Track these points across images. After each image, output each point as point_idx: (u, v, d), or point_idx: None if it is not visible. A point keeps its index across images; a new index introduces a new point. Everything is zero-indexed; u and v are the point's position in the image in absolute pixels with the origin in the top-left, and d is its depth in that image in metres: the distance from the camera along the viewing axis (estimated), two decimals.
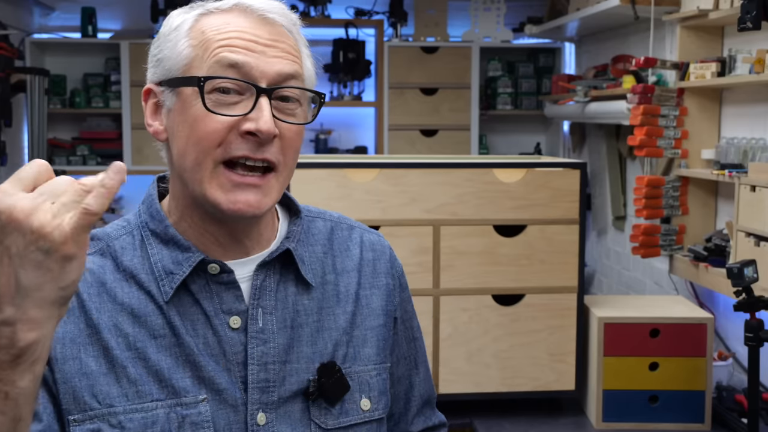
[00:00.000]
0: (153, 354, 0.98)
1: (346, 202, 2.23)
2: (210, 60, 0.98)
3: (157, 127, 1.04)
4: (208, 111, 0.96)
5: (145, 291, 1.00)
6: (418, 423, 1.24)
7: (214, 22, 1.00)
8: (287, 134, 1.00)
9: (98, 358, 0.97)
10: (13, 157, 4.17)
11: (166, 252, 1.02)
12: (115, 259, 1.02)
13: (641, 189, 2.84)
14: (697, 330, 2.22)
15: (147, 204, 1.07)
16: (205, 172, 0.97)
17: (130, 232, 1.05)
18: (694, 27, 2.79)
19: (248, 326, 1.02)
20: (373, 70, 4.67)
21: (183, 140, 0.99)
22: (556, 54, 4.83)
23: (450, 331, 2.28)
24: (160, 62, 1.03)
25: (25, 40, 4.30)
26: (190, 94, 0.98)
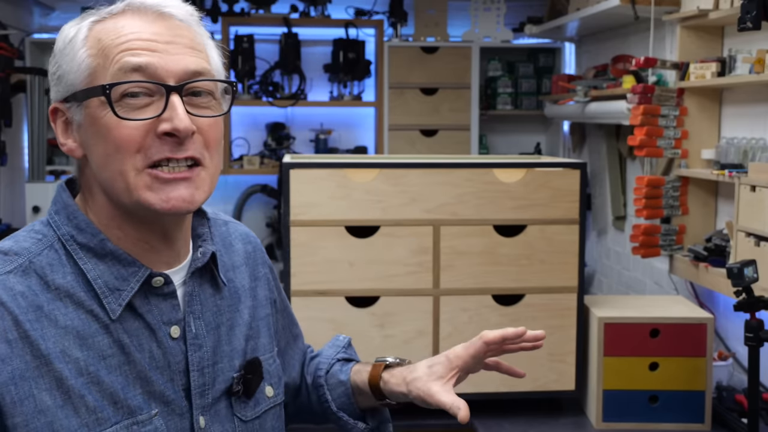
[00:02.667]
0: (105, 376, 0.95)
1: (346, 202, 2.23)
2: (112, 67, 0.94)
3: (71, 144, 0.99)
4: (119, 118, 0.93)
5: (86, 310, 0.96)
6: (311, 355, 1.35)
7: (110, 27, 0.96)
8: (205, 128, 0.98)
9: (52, 391, 0.91)
10: (13, 157, 4.17)
11: (104, 267, 0.97)
12: (43, 278, 0.95)
13: (641, 189, 2.84)
14: (697, 330, 2.22)
15: (66, 215, 0.99)
16: (130, 179, 0.95)
17: (50, 245, 0.98)
18: (694, 27, 2.79)
19: (186, 334, 1.02)
20: (373, 70, 4.67)
21: (100, 153, 0.95)
22: (556, 54, 4.83)
23: (450, 331, 2.28)
24: (60, 79, 0.97)
25: (25, 40, 4.30)
26: (97, 105, 0.95)
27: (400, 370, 1.25)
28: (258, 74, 4.57)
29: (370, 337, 2.27)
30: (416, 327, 2.27)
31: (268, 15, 4.53)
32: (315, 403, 1.30)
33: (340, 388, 1.26)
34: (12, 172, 4.21)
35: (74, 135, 0.99)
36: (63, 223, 0.99)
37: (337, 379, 1.27)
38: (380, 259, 2.25)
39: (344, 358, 1.31)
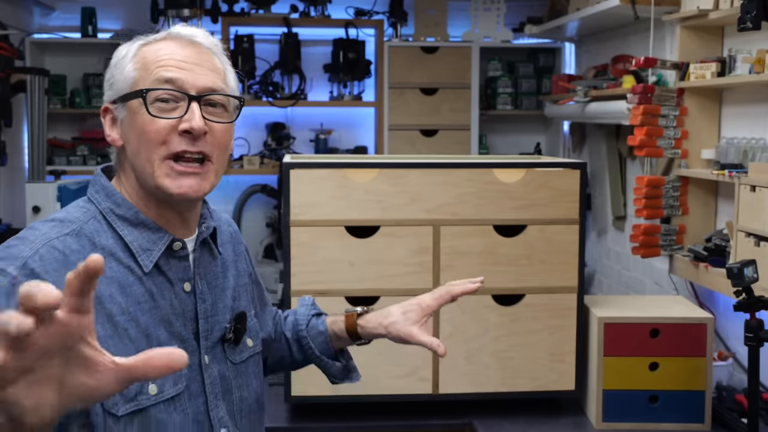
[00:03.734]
0: (140, 316, 1.21)
1: (346, 202, 2.23)
2: (150, 78, 1.22)
3: (114, 136, 1.27)
4: (152, 116, 1.21)
5: (125, 266, 1.22)
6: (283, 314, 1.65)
7: (152, 49, 1.25)
8: (216, 131, 1.25)
9: (104, 324, 1.16)
10: (13, 157, 4.17)
11: (137, 233, 1.24)
12: (91, 240, 1.21)
13: (641, 189, 2.84)
14: (697, 330, 2.22)
15: (105, 194, 1.26)
16: (154, 165, 1.22)
17: (93, 217, 1.24)
18: (694, 27, 2.79)
19: (195, 290, 1.30)
20: (373, 70, 4.67)
21: (135, 142, 1.23)
22: (556, 54, 4.83)
23: (450, 331, 2.28)
24: (112, 86, 1.26)
25: (25, 40, 4.30)
26: (136, 105, 1.22)
27: (374, 316, 1.58)
28: (258, 74, 4.58)
29: None
30: None
31: (268, 15, 4.53)
32: (297, 352, 1.59)
33: (321, 338, 1.56)
34: (12, 172, 4.21)
35: (117, 129, 1.26)
36: (103, 200, 1.26)
37: (317, 330, 1.57)
38: (380, 259, 2.25)
39: (316, 314, 1.60)
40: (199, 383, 1.28)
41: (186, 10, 4.40)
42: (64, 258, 1.15)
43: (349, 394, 2.28)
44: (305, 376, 2.18)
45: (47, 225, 1.21)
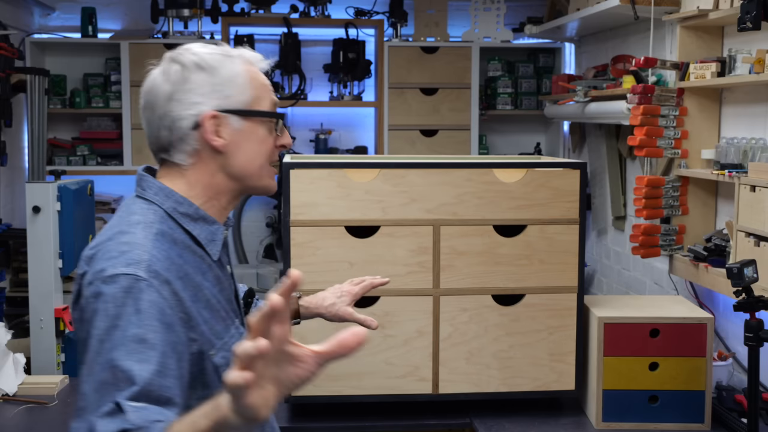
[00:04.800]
0: (220, 297, 1.40)
1: (346, 202, 2.23)
2: (268, 101, 1.45)
3: (218, 141, 1.39)
4: (275, 135, 1.47)
5: (198, 255, 1.38)
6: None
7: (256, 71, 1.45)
8: None
9: (206, 308, 1.35)
10: (13, 157, 4.17)
11: (199, 227, 1.40)
12: (170, 237, 1.34)
13: (641, 189, 2.84)
14: (697, 330, 2.22)
15: (164, 195, 1.39)
16: (263, 171, 1.46)
17: (164, 217, 1.37)
18: (694, 27, 2.79)
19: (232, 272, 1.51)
20: (373, 70, 4.67)
21: (251, 152, 1.43)
22: (556, 54, 4.83)
23: (450, 331, 2.28)
24: (228, 97, 1.39)
25: (25, 40, 4.30)
26: (258, 122, 1.43)
27: (313, 300, 1.89)
28: None
29: (370, 337, 2.26)
30: (416, 327, 2.27)
31: (268, 15, 4.53)
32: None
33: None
34: (12, 172, 4.21)
35: (224, 135, 1.40)
36: (164, 200, 1.38)
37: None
38: (380, 259, 2.25)
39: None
40: None
41: (186, 10, 4.40)
42: (168, 257, 1.30)
43: (349, 394, 2.28)
44: None
45: (138, 228, 1.32)
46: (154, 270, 1.25)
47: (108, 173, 4.46)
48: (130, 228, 1.31)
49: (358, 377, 2.27)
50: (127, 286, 1.22)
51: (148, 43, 4.40)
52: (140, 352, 1.17)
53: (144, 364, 1.16)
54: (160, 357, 1.19)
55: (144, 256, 1.26)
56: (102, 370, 1.16)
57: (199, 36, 4.48)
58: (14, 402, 2.39)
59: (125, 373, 1.15)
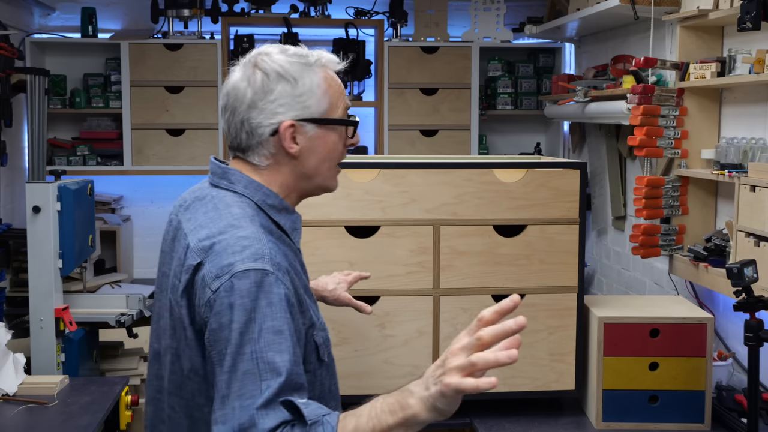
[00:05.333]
0: (307, 282, 1.52)
1: (346, 202, 2.23)
2: (341, 107, 1.50)
3: (294, 147, 1.47)
4: (344, 138, 1.52)
5: (286, 243, 1.47)
6: None
7: (332, 77, 1.50)
8: None
9: (307, 293, 1.46)
10: (13, 157, 4.17)
11: (283, 217, 1.49)
12: (266, 229, 1.43)
13: (641, 189, 2.84)
14: (697, 330, 2.22)
15: (253, 188, 1.47)
16: (333, 172, 1.53)
17: (256, 210, 1.46)
18: (694, 27, 2.79)
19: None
20: (373, 70, 4.67)
21: (322, 155, 1.49)
22: (556, 54, 4.83)
23: (450, 331, 2.28)
24: (304, 106, 1.46)
25: (25, 40, 4.30)
26: (331, 129, 1.49)
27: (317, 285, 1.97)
28: None
29: (370, 337, 2.27)
30: (416, 327, 2.27)
31: (268, 15, 4.52)
32: None
33: None
34: (12, 172, 4.21)
35: (299, 141, 1.47)
36: (254, 193, 1.47)
37: None
38: (380, 259, 2.25)
39: None
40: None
41: (186, 10, 4.40)
42: (277, 247, 1.40)
43: (349, 394, 2.28)
44: None
45: (245, 222, 1.40)
46: (277, 262, 1.35)
47: (108, 173, 4.46)
48: (238, 221, 1.40)
49: (358, 377, 2.27)
50: (258, 281, 1.31)
51: (148, 43, 4.40)
52: (278, 344, 1.27)
53: (284, 355, 1.27)
54: (293, 347, 1.29)
55: (265, 250, 1.35)
56: (244, 361, 1.25)
57: (199, 36, 4.48)
58: (14, 402, 2.39)
59: (270, 365, 1.25)
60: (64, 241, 2.68)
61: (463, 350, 1.17)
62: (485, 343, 1.15)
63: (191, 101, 4.41)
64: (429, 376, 1.21)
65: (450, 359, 1.17)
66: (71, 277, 3.52)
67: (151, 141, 4.43)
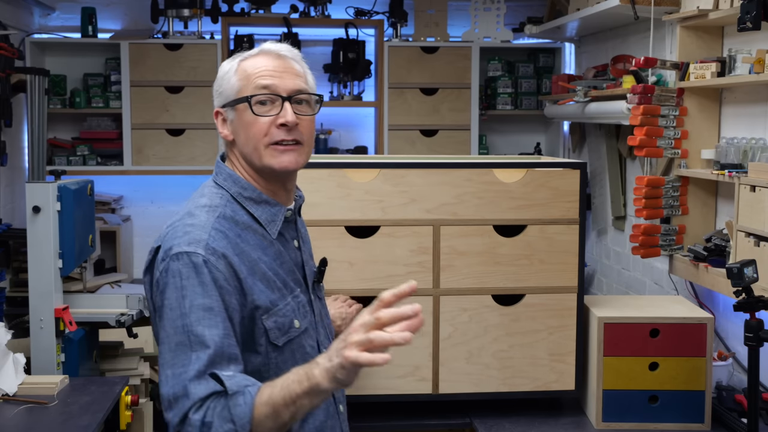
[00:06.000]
0: (278, 270, 1.57)
1: (346, 202, 2.23)
2: (251, 86, 1.57)
3: (226, 132, 1.62)
4: (255, 115, 1.56)
5: (260, 234, 1.57)
6: None
7: (250, 63, 1.60)
8: (304, 122, 1.60)
9: (261, 280, 1.53)
10: (13, 157, 4.17)
11: (262, 209, 1.59)
12: (233, 219, 1.55)
13: (641, 189, 2.84)
14: (697, 330, 2.22)
15: (232, 180, 1.60)
16: (260, 151, 1.57)
17: (229, 200, 1.58)
18: (694, 27, 2.79)
19: (300, 245, 1.67)
20: (373, 70, 4.67)
21: (244, 136, 1.58)
22: (556, 54, 4.83)
23: (450, 331, 2.28)
24: (221, 94, 1.61)
25: (25, 40, 4.30)
26: (243, 108, 1.57)
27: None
28: None
29: None
30: None
31: (268, 15, 4.52)
32: None
33: None
34: (12, 172, 4.21)
35: (228, 127, 1.61)
36: (231, 186, 1.59)
37: None
38: (380, 259, 2.25)
39: None
40: (311, 316, 1.64)
41: (186, 10, 4.40)
42: (226, 236, 1.50)
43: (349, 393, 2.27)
44: None
45: (203, 211, 1.54)
46: (212, 248, 1.47)
47: (108, 173, 4.46)
48: (197, 210, 1.55)
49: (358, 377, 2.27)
50: (190, 263, 1.46)
51: (148, 43, 4.40)
52: (208, 319, 1.42)
53: (212, 329, 1.42)
54: (224, 322, 1.44)
55: (203, 236, 1.48)
56: (176, 334, 1.42)
57: (199, 36, 4.48)
58: (14, 402, 2.39)
59: (198, 338, 1.41)
60: (64, 241, 2.68)
61: (363, 327, 1.29)
62: (383, 322, 1.28)
63: (191, 101, 4.41)
64: (333, 349, 1.33)
65: (351, 335, 1.30)
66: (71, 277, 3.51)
67: (151, 141, 4.43)
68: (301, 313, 1.60)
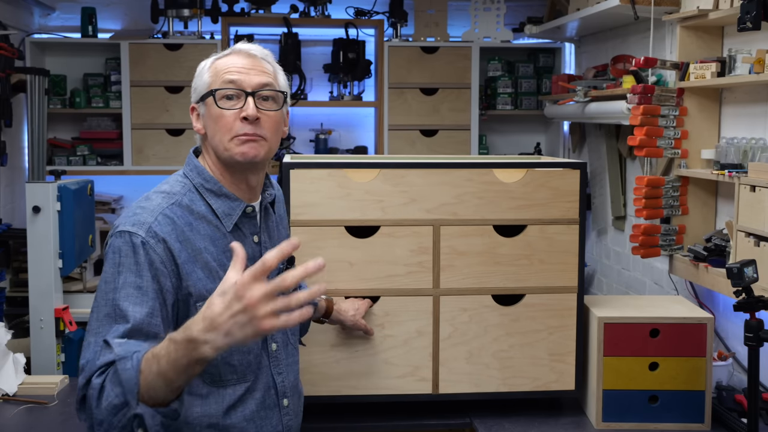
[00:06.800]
0: (226, 262, 1.60)
1: (346, 202, 2.23)
2: (219, 81, 1.66)
3: (199, 126, 1.71)
4: (220, 109, 1.64)
5: (214, 226, 1.65)
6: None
7: (222, 62, 1.69)
8: (268, 117, 1.67)
9: (203, 269, 1.60)
10: (13, 157, 4.17)
11: (221, 202, 1.67)
12: (189, 207, 1.63)
13: (641, 189, 2.84)
14: (697, 330, 2.22)
15: (197, 172, 1.69)
16: (225, 143, 1.65)
17: (190, 190, 1.67)
18: (694, 27, 2.79)
19: (261, 241, 1.74)
20: (373, 70, 4.67)
21: (212, 128, 1.66)
22: (556, 54, 4.83)
23: (450, 331, 2.28)
24: (195, 90, 1.71)
25: (25, 40, 4.30)
26: (211, 102, 1.66)
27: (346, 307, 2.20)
28: None
29: (370, 337, 2.27)
30: (416, 327, 2.27)
31: (268, 15, 4.52)
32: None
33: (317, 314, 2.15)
34: (12, 172, 4.21)
35: (201, 121, 1.70)
36: (195, 177, 1.68)
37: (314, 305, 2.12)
38: (380, 259, 2.25)
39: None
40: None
41: (186, 10, 4.40)
42: (173, 223, 1.59)
43: (349, 393, 2.28)
44: (305, 377, 2.18)
45: (159, 197, 1.63)
46: (154, 231, 1.56)
47: (108, 173, 4.46)
48: (153, 195, 1.64)
49: (358, 377, 2.27)
50: (129, 242, 1.54)
51: (148, 43, 4.40)
52: (136, 296, 1.51)
53: (137, 307, 1.49)
54: (152, 302, 1.51)
55: (149, 219, 1.57)
56: (106, 305, 1.51)
57: (199, 36, 4.48)
58: (14, 402, 2.39)
59: (122, 312, 1.48)
60: (64, 241, 2.68)
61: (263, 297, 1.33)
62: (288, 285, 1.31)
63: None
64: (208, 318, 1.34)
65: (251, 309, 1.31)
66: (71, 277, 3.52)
67: (151, 141, 4.43)
68: None
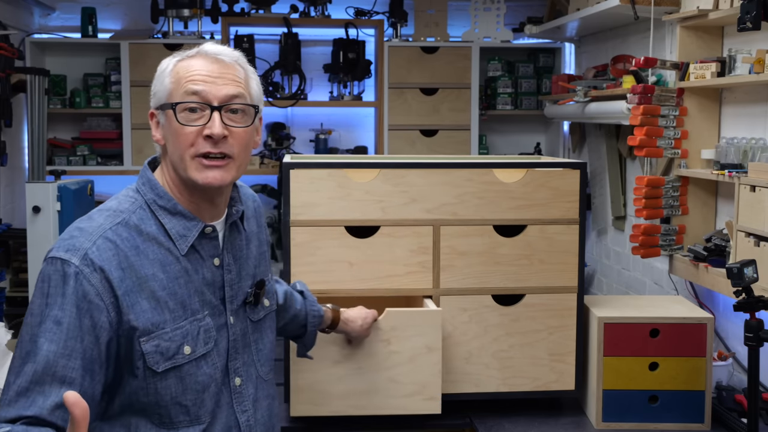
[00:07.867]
0: (178, 290, 1.44)
1: (346, 202, 2.23)
2: (181, 91, 1.44)
3: (158, 136, 1.51)
4: (181, 125, 1.43)
5: (165, 248, 1.45)
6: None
7: (185, 65, 1.47)
8: (236, 134, 1.46)
9: (149, 300, 1.41)
10: (13, 157, 4.17)
11: (175, 221, 1.47)
12: (138, 228, 1.44)
13: (641, 189, 2.84)
14: (697, 330, 2.22)
15: (150, 186, 1.49)
16: (186, 162, 1.45)
17: (140, 206, 1.47)
18: (694, 27, 2.79)
19: (223, 263, 1.53)
20: (373, 70, 4.67)
21: (171, 143, 1.46)
22: (556, 54, 4.83)
23: (450, 331, 2.28)
24: (155, 95, 1.49)
25: (25, 40, 4.30)
26: (171, 114, 1.45)
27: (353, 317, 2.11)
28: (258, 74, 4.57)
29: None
30: (424, 342, 2.27)
31: (268, 15, 4.53)
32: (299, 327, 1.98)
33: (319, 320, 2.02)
34: (12, 172, 4.21)
35: (160, 130, 1.49)
36: (148, 192, 1.48)
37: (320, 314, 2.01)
38: (380, 259, 2.25)
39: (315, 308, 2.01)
40: (226, 340, 1.52)
41: (186, 10, 4.40)
42: (116, 247, 1.39)
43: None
44: (305, 396, 2.18)
45: (103, 215, 1.44)
46: (90, 259, 1.37)
47: (108, 173, 4.46)
48: (97, 213, 1.46)
49: (360, 395, 2.27)
50: (59, 270, 1.36)
51: (148, 43, 4.40)
52: (53, 333, 1.33)
53: (52, 345, 1.31)
54: (66, 340, 1.32)
55: (86, 245, 1.38)
56: (29, 342, 1.33)
57: (199, 36, 4.48)
58: None
59: (35, 350, 1.31)
60: None
61: None
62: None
63: None
64: None
65: None
66: None
67: (151, 141, 4.40)
68: (200, 339, 1.46)
